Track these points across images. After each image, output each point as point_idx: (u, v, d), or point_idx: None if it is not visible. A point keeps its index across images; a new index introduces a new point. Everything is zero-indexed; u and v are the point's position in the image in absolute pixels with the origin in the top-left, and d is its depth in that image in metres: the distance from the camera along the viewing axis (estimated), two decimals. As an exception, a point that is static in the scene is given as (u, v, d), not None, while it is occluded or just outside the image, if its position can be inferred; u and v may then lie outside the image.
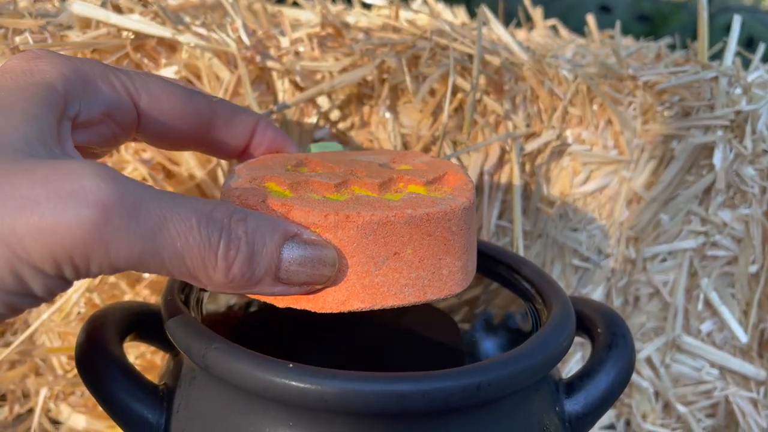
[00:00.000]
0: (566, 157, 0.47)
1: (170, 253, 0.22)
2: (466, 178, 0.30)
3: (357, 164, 0.30)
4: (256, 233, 0.23)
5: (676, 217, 0.48)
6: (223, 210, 0.23)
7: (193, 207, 0.22)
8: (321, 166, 0.30)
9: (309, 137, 0.45)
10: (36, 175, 0.20)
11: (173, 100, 0.29)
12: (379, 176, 0.29)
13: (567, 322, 0.29)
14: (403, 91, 0.45)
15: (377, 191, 0.28)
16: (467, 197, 0.28)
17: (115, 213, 0.20)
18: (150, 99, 0.29)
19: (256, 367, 0.24)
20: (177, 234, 0.22)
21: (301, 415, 0.24)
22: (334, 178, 0.28)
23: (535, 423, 0.28)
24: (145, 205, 0.21)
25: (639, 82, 0.46)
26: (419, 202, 0.27)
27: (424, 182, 0.29)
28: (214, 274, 0.23)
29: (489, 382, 0.24)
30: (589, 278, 0.49)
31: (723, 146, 0.46)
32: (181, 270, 0.22)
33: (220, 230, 0.23)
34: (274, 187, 0.27)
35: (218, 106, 0.31)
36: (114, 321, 0.31)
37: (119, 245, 0.21)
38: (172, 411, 0.28)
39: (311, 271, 0.24)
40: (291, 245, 0.24)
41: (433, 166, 0.31)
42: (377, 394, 0.23)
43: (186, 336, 0.26)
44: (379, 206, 0.26)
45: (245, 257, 0.23)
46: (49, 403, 0.49)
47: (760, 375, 0.51)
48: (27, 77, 0.24)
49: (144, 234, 0.21)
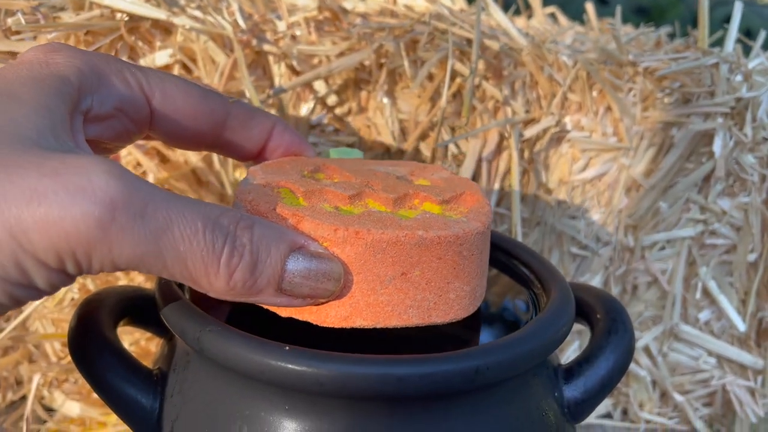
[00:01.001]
0: (565, 144, 0.46)
1: (172, 256, 0.22)
2: (483, 199, 0.29)
3: (374, 175, 0.30)
4: (262, 242, 0.23)
5: (675, 205, 0.48)
6: (230, 216, 0.23)
7: (201, 211, 0.22)
8: (338, 174, 0.30)
9: (305, 123, 0.44)
10: (45, 167, 0.20)
11: (188, 99, 0.29)
12: (395, 191, 0.28)
13: (566, 307, 0.28)
14: (401, 76, 0.44)
15: (391, 207, 0.28)
16: (482, 221, 0.28)
17: (122, 211, 0.20)
18: (163, 97, 0.28)
19: (252, 350, 0.23)
20: (181, 237, 0.21)
21: (298, 398, 0.24)
22: (349, 189, 0.28)
23: (533, 408, 0.27)
24: (152, 205, 0.21)
25: (639, 69, 0.45)
26: (432, 223, 0.26)
27: (440, 201, 0.28)
28: (215, 281, 0.23)
29: (488, 365, 0.24)
30: (587, 266, 0.49)
31: (723, 133, 0.45)
32: (182, 273, 0.22)
33: (225, 236, 0.22)
34: (288, 193, 0.27)
35: (234, 107, 0.31)
36: (107, 305, 0.30)
37: (122, 244, 0.21)
38: (166, 395, 0.27)
39: (315, 284, 0.24)
40: (296, 257, 0.24)
41: (452, 183, 0.30)
42: (375, 377, 0.23)
43: (180, 319, 0.26)
44: (390, 224, 0.25)
45: (248, 265, 0.23)
46: (43, 390, 0.49)
47: (758, 364, 0.51)
48: (42, 68, 0.24)
49: (148, 234, 0.21)
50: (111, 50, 0.41)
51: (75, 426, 0.47)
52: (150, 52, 0.42)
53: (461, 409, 0.25)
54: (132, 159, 0.43)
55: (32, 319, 0.46)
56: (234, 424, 0.25)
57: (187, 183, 0.45)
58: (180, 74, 0.42)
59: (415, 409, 0.24)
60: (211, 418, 0.25)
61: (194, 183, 0.45)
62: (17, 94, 0.23)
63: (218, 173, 0.44)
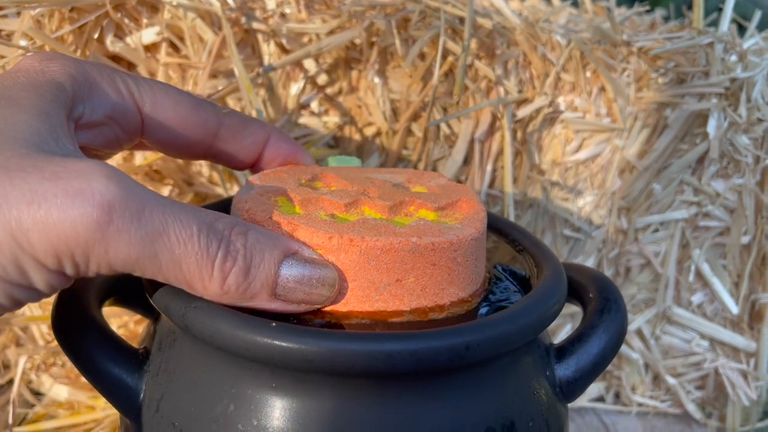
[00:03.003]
0: (558, 125, 0.46)
1: (167, 259, 0.22)
2: (478, 206, 0.30)
3: (371, 183, 0.30)
4: (255, 247, 0.24)
5: (669, 187, 0.47)
6: (225, 221, 0.24)
7: (196, 215, 0.23)
8: (335, 182, 0.30)
9: (296, 102, 0.44)
10: (46, 170, 0.21)
11: (179, 108, 0.30)
12: (391, 198, 0.29)
13: (558, 284, 0.28)
14: (392, 55, 0.44)
15: (387, 214, 0.28)
16: (477, 228, 0.28)
17: (119, 214, 0.21)
18: (154, 105, 0.29)
19: (237, 326, 0.23)
20: (177, 240, 0.22)
21: (285, 376, 0.24)
22: (345, 197, 0.28)
23: (525, 386, 0.27)
24: (149, 209, 0.22)
25: (633, 48, 0.45)
26: (426, 230, 0.26)
27: (436, 207, 0.29)
28: (209, 284, 0.23)
29: (478, 342, 0.23)
30: (580, 249, 0.49)
31: (717, 114, 0.45)
32: (177, 277, 0.23)
33: (220, 240, 0.23)
34: (285, 202, 0.27)
35: (227, 118, 0.31)
36: (93, 284, 0.30)
37: (119, 246, 0.21)
38: (152, 374, 0.27)
39: (309, 289, 0.24)
40: (290, 262, 0.24)
41: (448, 190, 0.31)
42: (363, 353, 0.22)
43: (165, 296, 0.25)
44: (384, 231, 0.25)
45: (241, 269, 0.23)
46: (31, 375, 0.48)
47: (751, 347, 0.51)
48: (39, 76, 0.25)
49: (144, 237, 0.21)
50: (97, 27, 0.40)
51: (63, 410, 0.46)
52: (136, 30, 0.41)
53: (451, 387, 0.24)
54: (119, 139, 0.43)
55: (19, 302, 0.46)
56: (220, 402, 0.24)
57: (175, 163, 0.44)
58: (167, 52, 0.42)
59: (405, 387, 0.24)
60: (196, 397, 0.25)
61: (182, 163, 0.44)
62: (17, 100, 0.23)
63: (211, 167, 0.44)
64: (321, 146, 0.45)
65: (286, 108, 0.44)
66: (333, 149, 0.45)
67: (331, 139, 0.45)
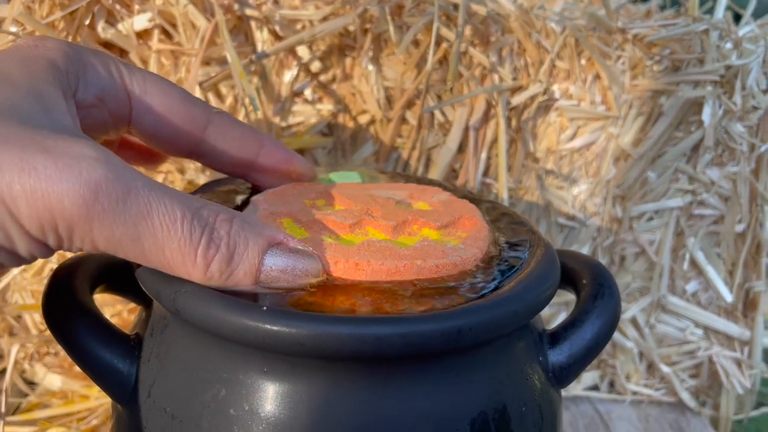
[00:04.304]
0: (553, 113, 0.46)
1: (150, 243, 0.22)
2: (481, 223, 0.30)
3: (374, 201, 0.31)
4: (239, 235, 0.24)
5: (664, 175, 0.47)
6: (211, 208, 0.24)
7: (182, 201, 0.23)
8: (339, 201, 0.31)
9: (289, 89, 0.44)
10: (40, 144, 0.21)
11: (168, 99, 0.30)
12: (394, 218, 0.29)
13: (551, 268, 0.28)
14: (386, 42, 0.43)
15: (390, 234, 0.28)
16: (479, 247, 0.28)
17: (104, 195, 0.21)
18: (144, 92, 0.29)
19: (228, 310, 0.23)
20: (160, 224, 0.22)
21: (276, 359, 0.23)
22: (349, 218, 0.29)
23: (517, 371, 0.27)
24: (135, 191, 0.22)
25: (628, 36, 0.45)
26: (430, 251, 0.27)
27: (438, 226, 0.29)
28: (193, 270, 0.23)
29: (470, 326, 0.23)
30: (574, 237, 0.49)
31: (712, 102, 0.45)
32: (160, 261, 0.23)
33: (203, 227, 0.23)
34: (291, 224, 0.28)
35: (217, 117, 0.31)
36: (84, 270, 0.30)
37: (102, 225, 0.21)
38: (143, 360, 0.27)
39: (293, 279, 0.24)
40: (275, 252, 0.24)
41: (450, 207, 0.31)
42: (353, 336, 0.22)
43: (156, 281, 0.25)
44: (389, 255, 0.26)
45: (224, 257, 0.23)
46: (24, 364, 0.48)
47: (745, 335, 0.51)
48: (32, 51, 0.26)
49: (128, 219, 0.22)
50: (88, 13, 0.39)
51: (57, 399, 0.46)
52: (128, 16, 0.40)
53: (443, 371, 0.24)
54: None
55: (11, 291, 0.45)
56: (212, 387, 0.24)
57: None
58: (159, 39, 0.41)
59: (397, 371, 0.24)
60: (188, 382, 0.25)
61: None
62: (12, 75, 0.24)
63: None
64: (315, 134, 0.45)
65: (280, 96, 0.44)
66: (327, 137, 0.45)
67: (324, 127, 0.45)
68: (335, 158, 0.46)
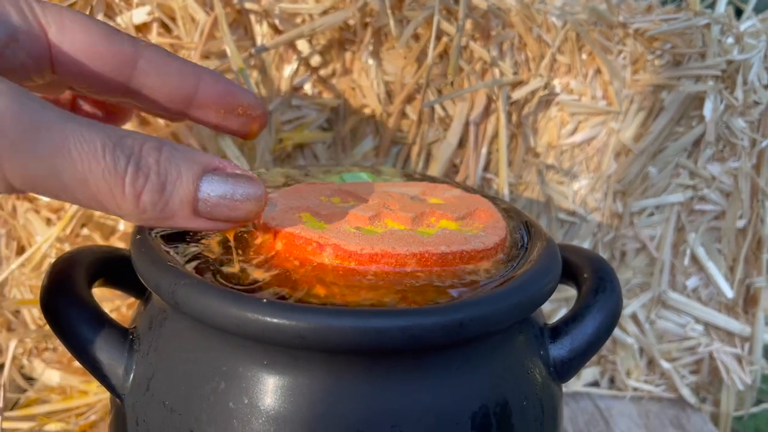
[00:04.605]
0: (554, 108, 0.46)
1: (70, 176, 0.21)
2: (497, 214, 0.30)
3: (389, 196, 0.31)
4: (170, 162, 0.22)
5: (665, 170, 0.47)
6: (136, 137, 0.22)
7: (101, 131, 0.21)
8: (353, 197, 0.31)
9: (289, 84, 0.43)
10: None
11: (89, 34, 0.27)
12: (412, 210, 0.29)
13: (552, 262, 0.28)
14: (386, 36, 0.43)
15: (410, 225, 0.28)
16: (500, 236, 0.28)
17: (11, 129, 0.20)
18: (60, 29, 0.27)
19: (228, 303, 0.23)
20: (79, 156, 0.21)
21: (276, 352, 0.23)
22: (368, 211, 0.29)
23: (518, 365, 0.27)
24: (46, 125, 0.20)
25: (630, 30, 0.44)
26: (453, 239, 0.27)
27: (456, 217, 0.29)
28: (123, 203, 0.22)
29: (471, 318, 0.23)
30: (575, 232, 0.49)
31: (714, 97, 0.45)
32: (85, 195, 0.21)
33: (129, 156, 0.22)
34: (310, 218, 0.28)
35: (147, 50, 0.28)
36: (82, 263, 0.29)
37: (13, 161, 0.20)
38: (142, 354, 0.27)
39: (234, 205, 0.23)
40: (211, 178, 0.23)
41: (464, 201, 0.32)
42: (354, 329, 0.22)
43: (155, 273, 0.25)
44: (413, 242, 0.26)
45: (155, 186, 0.22)
46: (23, 360, 0.48)
47: (745, 331, 0.51)
48: None
49: (42, 155, 0.20)
50: (86, 6, 0.39)
51: (55, 395, 0.46)
52: (127, 9, 0.40)
53: (444, 364, 0.24)
54: (110, 121, 0.42)
55: (9, 286, 0.45)
56: (211, 380, 0.24)
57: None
58: (159, 33, 0.41)
59: (398, 364, 0.24)
60: (187, 376, 0.25)
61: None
62: None
63: (199, 137, 0.43)
64: (314, 128, 0.45)
65: (280, 90, 0.44)
66: (326, 132, 0.45)
67: (324, 122, 0.45)
68: (335, 153, 0.46)
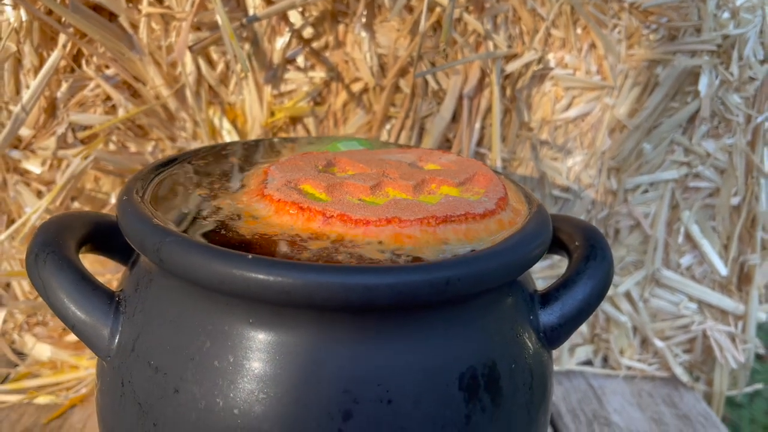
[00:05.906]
0: (548, 82, 0.45)
1: None
2: (495, 178, 0.30)
3: (387, 164, 0.31)
4: None
5: (659, 147, 0.47)
6: None
7: None
8: (351, 166, 0.31)
9: (282, 56, 0.43)
10: None
11: None
12: (412, 178, 0.29)
13: (542, 224, 0.28)
14: (379, 8, 0.43)
15: (412, 193, 0.28)
16: (502, 199, 0.28)
17: None
18: None
19: (213, 259, 0.22)
20: None
21: (262, 310, 0.23)
22: (368, 180, 0.28)
23: (507, 329, 0.26)
24: None
25: (625, 4, 0.44)
26: (457, 205, 0.27)
27: (456, 183, 0.29)
28: None
29: (459, 276, 0.23)
30: (569, 209, 0.48)
31: (709, 72, 0.44)
32: None
33: None
34: (310, 189, 0.28)
35: None
36: (70, 228, 0.29)
37: None
38: (128, 315, 0.26)
39: None
40: None
41: (462, 165, 0.31)
42: (342, 286, 0.22)
43: (140, 231, 0.24)
44: (418, 210, 0.26)
45: None
46: (13, 335, 0.48)
47: (739, 309, 0.51)
48: None
49: None
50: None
51: (46, 369, 0.46)
52: (117, -22, 0.40)
53: (432, 324, 0.24)
54: (101, 91, 0.42)
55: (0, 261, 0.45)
56: (196, 339, 0.24)
57: (158, 118, 0.43)
58: (150, 2, 0.41)
59: (386, 322, 0.23)
60: (172, 335, 0.24)
61: (165, 118, 0.43)
62: None
63: (190, 108, 0.43)
64: (307, 102, 0.44)
65: (272, 63, 0.43)
66: (319, 105, 0.45)
67: (317, 95, 0.45)
68: (327, 127, 0.45)
